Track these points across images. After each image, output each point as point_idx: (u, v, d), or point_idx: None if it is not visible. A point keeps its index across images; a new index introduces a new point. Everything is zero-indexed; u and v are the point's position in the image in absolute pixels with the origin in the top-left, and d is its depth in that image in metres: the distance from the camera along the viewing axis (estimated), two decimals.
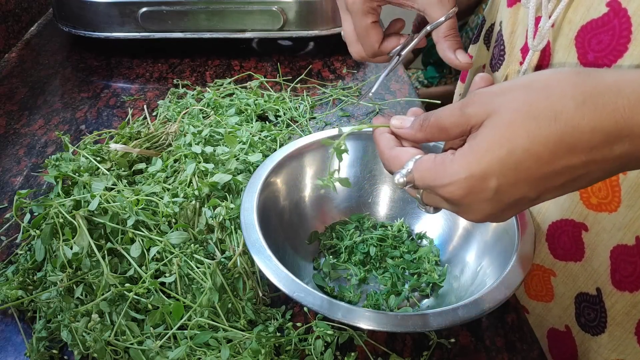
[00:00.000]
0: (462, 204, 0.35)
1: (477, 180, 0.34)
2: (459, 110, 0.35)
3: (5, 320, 0.51)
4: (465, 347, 0.50)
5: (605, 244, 0.49)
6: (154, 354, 0.44)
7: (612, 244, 0.48)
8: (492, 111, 0.33)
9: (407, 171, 0.38)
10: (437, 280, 0.55)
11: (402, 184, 0.38)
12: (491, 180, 0.33)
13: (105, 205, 0.51)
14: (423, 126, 0.38)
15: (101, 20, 0.92)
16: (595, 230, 0.50)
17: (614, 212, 0.47)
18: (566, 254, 0.54)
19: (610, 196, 0.47)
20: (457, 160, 0.34)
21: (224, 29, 0.93)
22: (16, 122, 0.80)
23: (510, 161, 0.32)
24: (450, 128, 0.36)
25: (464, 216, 0.37)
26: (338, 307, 0.43)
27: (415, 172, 0.37)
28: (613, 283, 0.49)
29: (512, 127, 0.32)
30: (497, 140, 0.33)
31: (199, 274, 0.48)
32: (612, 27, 0.43)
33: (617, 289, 0.49)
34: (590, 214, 0.50)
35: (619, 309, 0.49)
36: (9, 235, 0.60)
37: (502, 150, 0.32)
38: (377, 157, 0.61)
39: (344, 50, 0.59)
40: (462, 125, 0.35)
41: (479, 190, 0.34)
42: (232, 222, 0.54)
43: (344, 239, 0.59)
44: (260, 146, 0.65)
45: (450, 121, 0.36)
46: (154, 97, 0.86)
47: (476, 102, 0.34)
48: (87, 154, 0.61)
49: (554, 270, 0.56)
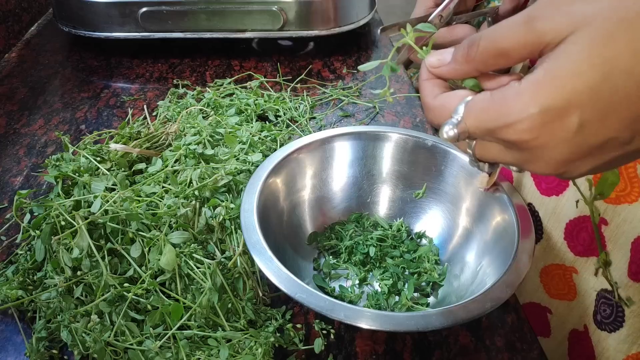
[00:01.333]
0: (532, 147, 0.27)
1: (556, 114, 0.26)
2: (525, 25, 0.27)
3: (5, 320, 0.51)
4: (465, 347, 0.50)
5: (627, 236, 0.47)
6: (154, 354, 0.44)
7: (634, 236, 0.46)
8: (579, 23, 0.25)
9: (457, 119, 0.30)
10: (437, 279, 0.55)
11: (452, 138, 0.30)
12: (574, 114, 0.26)
13: (107, 208, 0.51)
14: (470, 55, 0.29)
15: (101, 20, 0.92)
16: (615, 223, 0.48)
17: (635, 203, 0.45)
18: (587, 249, 0.52)
19: (629, 188, 0.45)
20: (528, 90, 0.26)
21: (224, 29, 0.93)
22: (16, 122, 0.80)
23: (604, 89, 0.25)
24: (513, 50, 0.27)
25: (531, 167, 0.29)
26: (340, 307, 0.43)
27: (468, 117, 0.29)
28: (629, 275, 0.48)
29: (612, 42, 0.24)
30: (589, 60, 0.25)
31: (198, 274, 0.48)
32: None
33: (633, 281, 0.47)
34: (609, 207, 0.47)
35: (636, 300, 0.48)
36: (9, 235, 0.60)
37: (595, 74, 0.25)
38: (376, 157, 0.62)
39: (344, 50, 0.59)
40: (532, 45, 0.27)
41: (557, 128, 0.26)
42: (232, 222, 0.54)
43: (343, 239, 0.59)
44: (260, 146, 0.65)
45: (513, 41, 0.27)
46: (154, 97, 0.86)
47: (552, 12, 0.26)
48: (87, 154, 0.61)
49: (575, 267, 0.54)
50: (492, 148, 0.30)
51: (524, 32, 0.27)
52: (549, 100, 0.26)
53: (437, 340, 0.51)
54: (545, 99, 0.26)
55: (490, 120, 0.28)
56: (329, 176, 0.62)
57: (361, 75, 0.93)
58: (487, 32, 0.29)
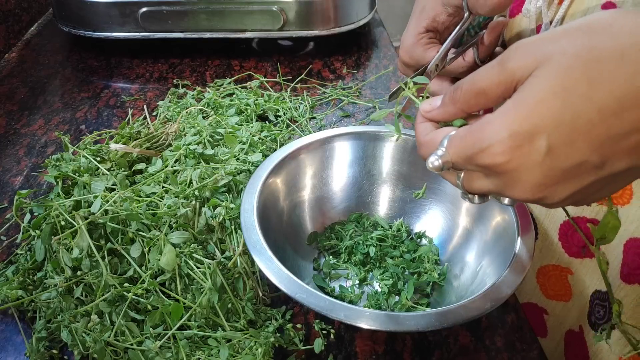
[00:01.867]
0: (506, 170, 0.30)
1: (524, 137, 0.28)
2: (499, 66, 0.30)
3: (5, 320, 0.51)
4: (465, 347, 0.50)
5: (619, 238, 0.48)
6: (154, 354, 0.44)
7: (626, 238, 0.47)
8: (544, 59, 0.28)
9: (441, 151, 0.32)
10: (437, 279, 0.55)
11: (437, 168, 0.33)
12: (541, 137, 0.28)
13: (107, 208, 0.51)
14: (455, 97, 0.33)
15: (101, 20, 0.92)
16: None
17: (627, 205, 0.46)
18: (580, 251, 0.53)
19: (621, 190, 0.46)
20: (498, 117, 0.29)
21: (224, 29, 0.93)
22: (16, 122, 0.80)
23: (566, 114, 0.27)
24: (490, 89, 0.31)
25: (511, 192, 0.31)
26: (340, 307, 0.43)
27: (450, 148, 0.32)
28: (621, 277, 0.48)
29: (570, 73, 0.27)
30: (550, 89, 0.27)
31: (198, 274, 0.48)
32: None
33: (625, 283, 0.48)
34: (602, 209, 0.48)
35: (628, 302, 0.48)
36: (9, 235, 0.60)
37: (556, 101, 0.27)
38: (376, 157, 0.62)
39: (344, 50, 0.59)
40: (505, 83, 0.30)
41: (526, 152, 0.28)
42: (232, 222, 0.54)
43: (343, 239, 0.59)
44: (260, 146, 0.65)
45: (489, 81, 0.30)
46: (154, 97, 0.86)
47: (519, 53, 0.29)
48: (87, 154, 0.61)
49: (570, 269, 0.55)
50: (476, 178, 0.33)
51: (498, 73, 0.30)
52: (516, 126, 0.28)
53: (437, 340, 0.51)
54: (513, 124, 0.28)
55: (467, 147, 0.31)
56: (329, 176, 0.62)
57: (361, 75, 0.93)
58: (468, 77, 0.32)
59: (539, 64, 0.28)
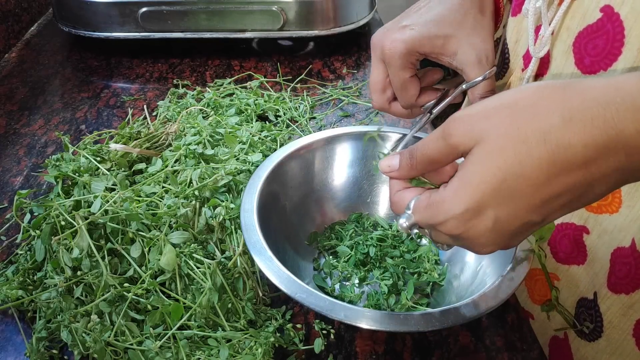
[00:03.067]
0: (465, 238, 0.35)
1: (473, 213, 0.33)
2: (443, 141, 0.34)
3: (5, 320, 0.51)
4: (465, 347, 0.50)
5: (607, 246, 0.49)
6: (154, 354, 0.44)
7: (614, 246, 0.48)
8: (479, 138, 0.32)
9: (409, 214, 0.38)
10: (437, 279, 0.55)
11: (407, 229, 0.38)
12: (487, 211, 0.33)
13: (107, 208, 0.51)
14: (412, 165, 0.38)
15: (101, 20, 0.92)
16: (596, 232, 0.50)
17: (615, 214, 0.47)
18: (568, 257, 0.53)
19: (611, 198, 0.47)
20: (449, 196, 0.34)
21: (224, 29, 0.93)
22: (16, 122, 0.80)
23: (504, 189, 0.32)
24: (440, 159, 0.36)
25: (475, 250, 0.37)
26: (340, 307, 0.43)
27: (415, 213, 0.37)
28: (608, 286, 0.49)
29: (502, 153, 0.32)
30: (488, 170, 0.32)
31: (198, 274, 0.48)
32: (607, 32, 0.43)
33: (612, 292, 0.49)
34: (591, 216, 0.49)
35: (615, 311, 0.49)
36: (9, 235, 0.60)
37: (495, 180, 0.32)
38: (376, 157, 0.62)
39: (344, 50, 0.59)
40: (452, 155, 0.35)
41: (477, 224, 0.34)
42: (232, 222, 0.54)
43: (343, 239, 0.59)
44: (260, 146, 0.65)
45: (438, 153, 0.35)
46: (154, 97, 0.86)
47: (459, 129, 0.33)
48: (87, 154, 0.61)
49: (557, 275, 0.55)
50: (442, 237, 0.37)
51: (443, 146, 0.35)
52: (464, 205, 0.33)
53: (437, 340, 0.51)
54: (462, 203, 0.33)
55: (429, 218, 0.36)
56: (329, 176, 0.62)
57: (361, 75, 0.93)
58: (420, 146, 0.37)
59: (476, 142, 0.33)
